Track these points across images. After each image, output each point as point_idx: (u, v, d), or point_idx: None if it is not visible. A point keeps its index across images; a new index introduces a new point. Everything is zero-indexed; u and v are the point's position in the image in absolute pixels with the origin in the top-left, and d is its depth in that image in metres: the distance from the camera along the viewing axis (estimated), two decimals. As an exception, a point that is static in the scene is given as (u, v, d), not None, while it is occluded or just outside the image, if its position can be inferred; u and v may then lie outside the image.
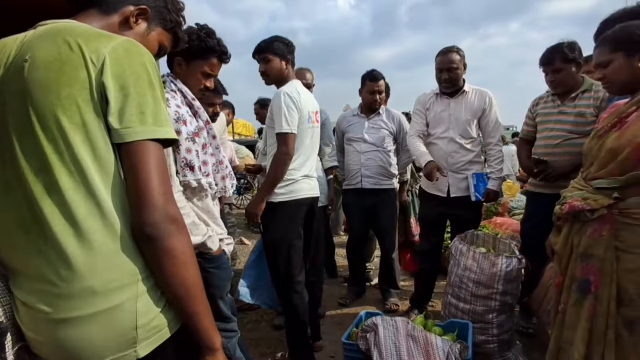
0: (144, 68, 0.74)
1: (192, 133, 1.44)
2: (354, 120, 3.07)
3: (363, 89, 3.00)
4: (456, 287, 2.22)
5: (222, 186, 1.62)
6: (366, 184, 2.96)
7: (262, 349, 2.46)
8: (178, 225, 0.73)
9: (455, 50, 2.55)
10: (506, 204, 4.52)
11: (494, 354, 2.12)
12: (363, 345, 1.85)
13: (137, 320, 0.72)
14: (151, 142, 0.72)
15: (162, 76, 1.56)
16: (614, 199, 1.37)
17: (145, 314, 0.73)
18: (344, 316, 2.87)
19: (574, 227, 1.50)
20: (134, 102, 0.71)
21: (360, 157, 2.97)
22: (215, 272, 1.55)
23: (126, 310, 0.71)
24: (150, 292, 0.74)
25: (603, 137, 1.45)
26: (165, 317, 0.76)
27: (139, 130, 0.71)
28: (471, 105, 2.57)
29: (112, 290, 0.71)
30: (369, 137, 2.97)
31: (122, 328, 0.71)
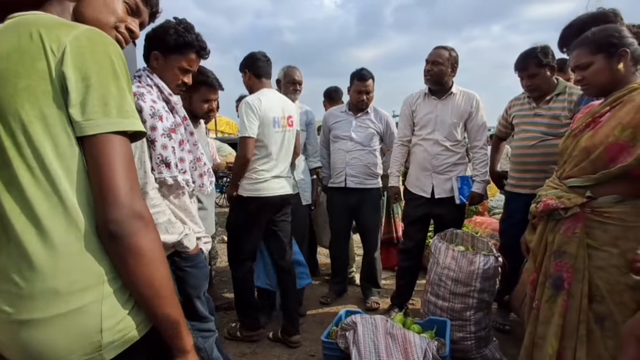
0: (107, 58, 0.71)
1: (168, 129, 1.41)
2: (342, 117, 3.05)
3: (351, 87, 3.00)
4: (435, 285, 2.25)
5: (200, 184, 1.59)
6: (350, 183, 2.97)
7: (242, 349, 2.44)
8: (145, 222, 0.70)
9: (447, 48, 2.57)
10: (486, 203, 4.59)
11: (471, 351, 2.15)
12: (342, 343, 1.86)
13: (102, 323, 0.69)
14: (116, 135, 0.69)
15: (138, 70, 1.52)
16: (587, 198, 1.40)
17: (111, 317, 0.70)
18: (325, 315, 2.87)
19: (549, 225, 1.53)
20: (96, 93, 0.68)
21: (345, 156, 2.97)
22: (192, 271, 1.53)
23: (91, 313, 0.69)
24: (117, 294, 0.72)
25: (577, 137, 1.48)
26: (134, 319, 0.74)
27: (102, 122, 0.68)
28: (458, 108, 2.59)
29: (76, 291, 0.68)
30: (355, 135, 2.97)
31: (87, 331, 0.68)
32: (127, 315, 0.73)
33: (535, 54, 2.31)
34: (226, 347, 2.35)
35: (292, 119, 2.43)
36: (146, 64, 1.56)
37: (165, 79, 1.51)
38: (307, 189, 2.90)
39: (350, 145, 2.97)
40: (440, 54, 2.55)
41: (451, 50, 2.57)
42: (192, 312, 1.55)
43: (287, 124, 2.41)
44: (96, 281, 0.70)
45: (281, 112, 2.39)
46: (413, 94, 2.78)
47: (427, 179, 2.64)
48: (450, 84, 2.61)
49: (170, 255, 1.48)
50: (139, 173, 1.36)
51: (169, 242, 1.42)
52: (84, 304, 0.68)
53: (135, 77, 1.49)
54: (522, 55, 2.37)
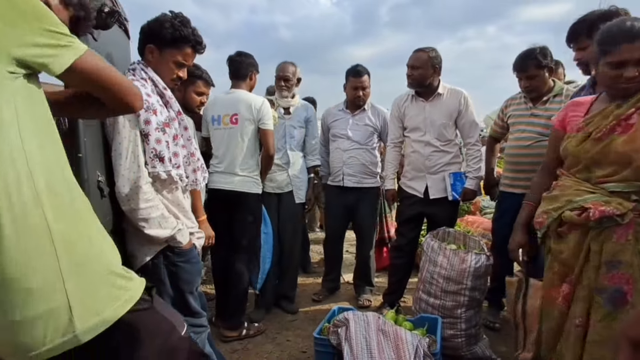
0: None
1: (162, 123, 1.40)
2: (339, 115, 3.04)
3: (347, 84, 2.98)
4: (427, 282, 2.26)
5: (194, 179, 1.59)
6: (348, 182, 2.96)
7: (234, 345, 2.44)
8: None
9: (426, 50, 2.55)
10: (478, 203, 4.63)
11: (461, 348, 2.18)
12: (334, 340, 1.86)
13: (72, 314, 0.71)
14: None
15: (133, 63, 1.51)
16: (634, 202, 1.31)
17: (80, 305, 0.72)
18: (317, 312, 2.88)
19: (591, 233, 1.37)
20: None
21: (343, 154, 2.95)
22: (185, 266, 1.53)
23: (61, 307, 0.71)
24: (81, 281, 0.73)
25: (603, 140, 1.37)
26: (105, 304, 0.76)
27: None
28: (446, 108, 2.59)
29: (40, 289, 0.69)
30: (352, 134, 2.95)
31: (61, 324, 0.71)
32: (98, 301, 0.75)
33: (534, 55, 2.30)
34: (218, 343, 2.35)
35: (237, 117, 2.43)
36: (140, 57, 1.54)
37: (160, 73, 1.50)
38: (302, 187, 2.88)
39: (348, 144, 2.95)
40: (419, 57, 2.54)
41: (430, 51, 2.54)
42: (184, 307, 1.55)
43: (230, 121, 2.44)
44: (57, 276, 0.71)
45: (225, 110, 2.45)
46: (401, 95, 2.78)
47: (421, 180, 2.65)
48: (436, 84, 2.60)
49: (163, 250, 1.48)
50: (133, 167, 1.36)
51: (162, 236, 1.42)
52: (55, 300, 0.70)
53: (129, 70, 1.48)
54: (522, 56, 2.36)
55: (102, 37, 1.36)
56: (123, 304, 0.79)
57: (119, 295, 0.79)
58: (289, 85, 2.84)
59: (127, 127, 1.35)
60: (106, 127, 1.41)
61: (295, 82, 2.88)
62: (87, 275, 0.75)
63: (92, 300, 0.74)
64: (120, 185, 1.35)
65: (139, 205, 1.36)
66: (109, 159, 1.40)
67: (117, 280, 0.81)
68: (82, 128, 1.22)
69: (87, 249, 0.76)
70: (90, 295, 0.74)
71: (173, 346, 0.86)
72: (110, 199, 1.39)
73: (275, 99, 2.85)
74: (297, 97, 2.93)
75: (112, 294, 0.78)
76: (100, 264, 0.78)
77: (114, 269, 0.82)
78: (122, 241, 1.50)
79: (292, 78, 2.84)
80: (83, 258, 0.75)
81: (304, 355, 2.32)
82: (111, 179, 1.40)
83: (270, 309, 2.89)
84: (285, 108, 2.85)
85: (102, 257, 0.80)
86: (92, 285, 0.75)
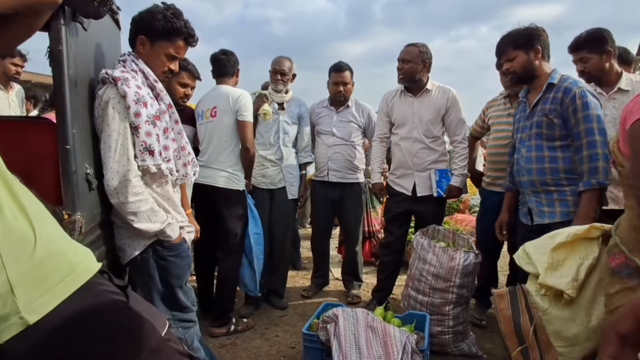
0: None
1: (152, 116, 1.38)
2: (323, 112, 3.05)
3: (329, 80, 3.01)
4: (416, 280, 2.28)
5: (184, 173, 1.57)
6: (332, 177, 2.98)
7: (222, 340, 2.43)
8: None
9: (417, 45, 2.58)
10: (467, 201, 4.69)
11: (448, 345, 2.20)
12: (323, 336, 1.87)
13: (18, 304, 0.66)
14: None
15: (123, 54, 1.49)
16: None
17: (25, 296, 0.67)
18: (307, 308, 2.88)
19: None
20: None
21: (328, 150, 2.98)
22: (175, 260, 1.52)
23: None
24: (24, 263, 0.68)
25: None
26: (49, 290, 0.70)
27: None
28: (434, 104, 2.62)
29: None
30: (337, 131, 2.97)
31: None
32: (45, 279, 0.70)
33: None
34: (206, 338, 2.35)
35: (216, 110, 2.45)
36: (131, 49, 1.52)
37: (151, 65, 1.48)
38: (294, 183, 2.89)
39: (332, 140, 2.97)
40: (410, 51, 2.58)
41: (421, 46, 2.58)
42: (173, 302, 1.54)
43: (211, 115, 2.47)
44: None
45: (207, 105, 2.49)
46: (390, 91, 2.80)
47: (409, 177, 2.67)
48: (425, 80, 2.63)
49: (153, 244, 1.47)
50: (122, 160, 1.34)
51: (151, 230, 1.41)
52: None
53: (119, 61, 1.45)
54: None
55: (92, 27, 1.34)
56: (78, 275, 0.74)
57: (71, 270, 0.73)
58: (285, 79, 2.83)
59: (116, 119, 1.33)
60: (95, 120, 1.38)
61: (290, 77, 2.87)
62: (30, 254, 0.69)
63: (39, 279, 0.69)
64: (109, 178, 1.33)
65: (128, 198, 1.34)
66: (97, 151, 1.38)
67: (65, 257, 0.75)
68: (70, 120, 1.20)
69: (25, 228, 0.70)
70: (37, 274, 0.69)
71: (152, 348, 0.80)
72: (98, 192, 1.37)
73: (269, 94, 2.83)
74: (291, 92, 2.92)
75: (61, 269, 0.72)
76: (43, 241, 0.72)
77: (60, 245, 0.76)
78: (110, 235, 1.48)
79: (288, 73, 2.84)
80: (21, 236, 0.69)
81: (292, 351, 2.33)
82: (100, 172, 1.38)
83: (260, 304, 2.89)
84: (279, 103, 2.84)
85: (45, 233, 0.74)
86: (38, 265, 0.70)
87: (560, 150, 1.88)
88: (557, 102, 1.86)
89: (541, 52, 1.94)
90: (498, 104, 2.63)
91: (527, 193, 2.00)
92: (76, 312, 0.71)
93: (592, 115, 1.78)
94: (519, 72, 1.98)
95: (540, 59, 1.95)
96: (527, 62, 1.95)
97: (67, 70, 1.18)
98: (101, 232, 1.42)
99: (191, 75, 2.34)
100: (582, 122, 1.79)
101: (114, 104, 1.33)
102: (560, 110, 1.85)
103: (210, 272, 2.69)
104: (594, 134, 1.77)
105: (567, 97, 1.83)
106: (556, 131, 1.88)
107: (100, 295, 0.76)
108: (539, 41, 1.94)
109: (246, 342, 2.43)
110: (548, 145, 1.90)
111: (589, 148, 1.77)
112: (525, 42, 1.94)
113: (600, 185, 1.75)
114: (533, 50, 1.93)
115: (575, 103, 1.81)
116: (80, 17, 1.23)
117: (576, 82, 1.87)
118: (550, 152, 1.90)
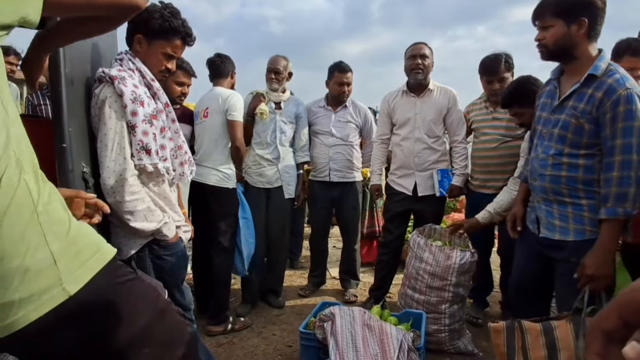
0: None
1: (149, 115, 1.38)
2: (320, 112, 3.02)
3: (331, 80, 2.98)
4: (412, 278, 2.29)
5: (181, 172, 1.57)
6: (334, 177, 2.97)
7: (219, 339, 2.44)
8: None
9: (425, 44, 2.64)
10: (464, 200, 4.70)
11: (445, 343, 2.21)
12: (320, 334, 1.88)
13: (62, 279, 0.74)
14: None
15: (120, 53, 1.48)
16: None
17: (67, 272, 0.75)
18: (304, 306, 2.89)
19: None
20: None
21: (328, 150, 2.95)
22: (171, 260, 1.52)
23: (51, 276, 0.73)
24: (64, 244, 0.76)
25: None
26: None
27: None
28: (436, 104, 2.63)
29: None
30: (336, 131, 2.96)
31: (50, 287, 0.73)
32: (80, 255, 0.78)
33: (505, 59, 2.41)
34: (204, 337, 2.35)
35: (208, 110, 2.51)
36: (128, 47, 1.52)
37: (148, 64, 1.47)
38: (291, 182, 2.88)
39: (332, 141, 2.95)
40: (425, 48, 2.62)
41: (428, 45, 2.65)
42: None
43: (204, 115, 2.53)
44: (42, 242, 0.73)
45: (202, 106, 2.55)
46: (392, 92, 2.80)
47: (410, 177, 2.67)
48: (429, 80, 2.66)
49: (149, 244, 1.47)
50: (118, 159, 1.34)
51: (148, 229, 1.41)
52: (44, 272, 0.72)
53: (116, 60, 1.45)
54: (493, 60, 2.45)
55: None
56: (103, 253, 0.83)
57: (98, 248, 0.83)
58: (280, 78, 2.81)
59: (113, 118, 1.33)
60: (92, 118, 1.38)
61: (286, 75, 2.85)
62: (66, 233, 0.77)
63: (76, 254, 0.77)
64: (106, 177, 1.33)
65: (125, 197, 1.34)
66: (94, 150, 1.38)
67: (92, 237, 0.85)
68: (67, 118, 1.19)
69: (60, 211, 0.79)
70: (73, 250, 0.77)
71: (162, 308, 0.94)
72: (95, 191, 1.37)
73: (266, 93, 2.83)
74: (288, 92, 2.92)
75: (91, 247, 0.81)
76: (73, 223, 0.81)
77: (85, 228, 0.86)
78: (107, 234, 1.48)
79: (284, 71, 2.82)
80: (58, 218, 0.77)
81: (289, 350, 2.34)
82: (96, 170, 1.38)
83: (257, 303, 2.89)
84: (276, 103, 2.83)
85: (72, 216, 0.83)
86: (73, 242, 0.78)
87: (583, 158, 1.51)
88: (594, 104, 1.45)
89: (587, 27, 1.48)
90: (479, 108, 2.64)
91: (538, 199, 1.68)
92: (106, 283, 0.81)
93: (636, 128, 1.40)
94: (550, 47, 1.55)
95: (584, 36, 1.49)
96: (564, 36, 1.50)
97: (64, 69, 1.18)
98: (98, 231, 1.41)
99: (187, 74, 2.35)
100: (619, 134, 1.41)
101: (111, 103, 1.33)
102: (595, 115, 1.46)
103: (207, 270, 2.70)
104: (631, 151, 1.40)
105: (609, 99, 1.42)
106: (584, 138, 1.50)
107: (120, 269, 0.87)
108: (588, 13, 1.47)
109: (243, 340, 2.44)
110: (570, 152, 1.54)
111: (622, 169, 1.41)
112: (568, 9, 1.48)
113: (626, 215, 1.43)
114: (577, 22, 1.47)
115: (616, 109, 1.41)
116: None
117: (624, 80, 1.44)
118: (570, 159, 1.53)
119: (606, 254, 1.44)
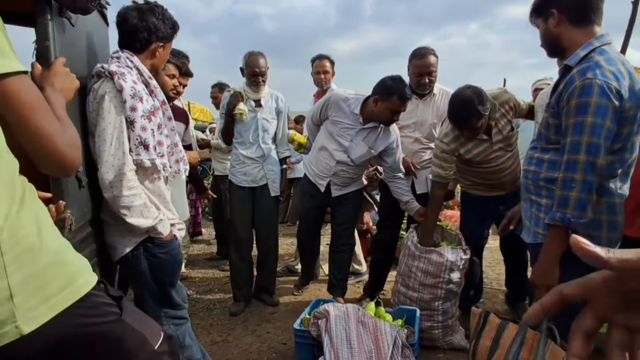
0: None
1: (147, 111, 1.38)
2: (347, 121, 2.53)
3: (384, 101, 2.40)
4: (406, 276, 2.31)
5: (176, 169, 1.57)
6: (334, 192, 2.69)
7: (214, 336, 2.44)
8: None
9: (432, 52, 2.52)
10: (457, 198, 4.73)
11: (438, 339, 2.24)
12: (314, 331, 1.89)
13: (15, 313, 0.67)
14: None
15: (117, 51, 1.48)
16: None
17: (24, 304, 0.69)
18: (298, 304, 2.89)
19: None
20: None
21: (335, 166, 2.60)
22: (166, 258, 1.51)
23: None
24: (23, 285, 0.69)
25: None
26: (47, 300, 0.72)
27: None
28: (438, 108, 2.62)
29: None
30: (352, 151, 2.54)
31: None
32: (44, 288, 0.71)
33: (475, 107, 2.00)
34: (198, 335, 2.34)
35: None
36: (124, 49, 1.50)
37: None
38: (276, 180, 2.82)
39: (341, 157, 2.56)
40: (432, 63, 2.51)
41: (434, 51, 2.53)
42: (165, 299, 1.54)
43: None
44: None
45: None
46: None
47: (407, 176, 2.68)
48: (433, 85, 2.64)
49: (144, 242, 1.46)
50: (117, 153, 1.33)
51: (143, 226, 1.40)
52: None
53: (113, 57, 1.45)
54: (464, 111, 2.04)
55: (79, 22, 1.32)
56: (77, 288, 0.74)
57: (70, 282, 0.74)
58: (264, 79, 2.70)
59: (112, 112, 1.32)
60: (89, 114, 1.37)
61: (267, 73, 2.72)
62: (33, 263, 0.70)
63: (38, 288, 0.70)
64: (104, 171, 1.32)
65: (122, 192, 1.33)
66: (87, 148, 1.37)
67: (66, 268, 0.76)
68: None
69: (32, 237, 0.71)
70: (37, 284, 0.70)
71: (145, 359, 0.81)
72: (88, 190, 1.36)
73: (244, 91, 2.69)
74: (267, 87, 2.77)
75: (60, 281, 0.73)
76: (47, 251, 0.73)
77: (63, 256, 0.77)
78: (100, 233, 1.47)
79: (266, 71, 2.70)
80: (27, 246, 0.69)
81: (284, 347, 2.34)
82: (89, 170, 1.37)
83: (250, 301, 2.89)
84: (256, 100, 2.72)
85: (50, 242, 0.75)
86: (40, 274, 0.70)
87: (550, 152, 1.43)
88: (558, 97, 1.36)
89: (558, 15, 1.39)
90: (463, 143, 2.50)
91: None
92: (71, 325, 0.72)
93: (587, 124, 1.25)
94: (544, 47, 1.51)
95: (566, 24, 1.39)
96: (545, 32, 1.46)
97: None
98: (91, 230, 1.41)
99: (175, 67, 2.29)
100: (570, 131, 1.29)
101: (110, 98, 1.32)
102: (557, 109, 1.37)
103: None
104: (578, 150, 1.27)
105: (567, 91, 1.31)
106: (551, 134, 1.42)
107: (97, 308, 0.77)
108: (556, 3, 1.40)
109: (237, 339, 2.44)
110: (541, 147, 1.47)
111: (566, 169, 1.30)
112: (540, 6, 1.47)
113: (564, 222, 1.28)
114: (551, 16, 1.42)
115: (570, 102, 1.29)
116: (67, 12, 1.22)
117: (591, 69, 1.27)
118: (541, 153, 1.46)
119: (547, 262, 1.33)
